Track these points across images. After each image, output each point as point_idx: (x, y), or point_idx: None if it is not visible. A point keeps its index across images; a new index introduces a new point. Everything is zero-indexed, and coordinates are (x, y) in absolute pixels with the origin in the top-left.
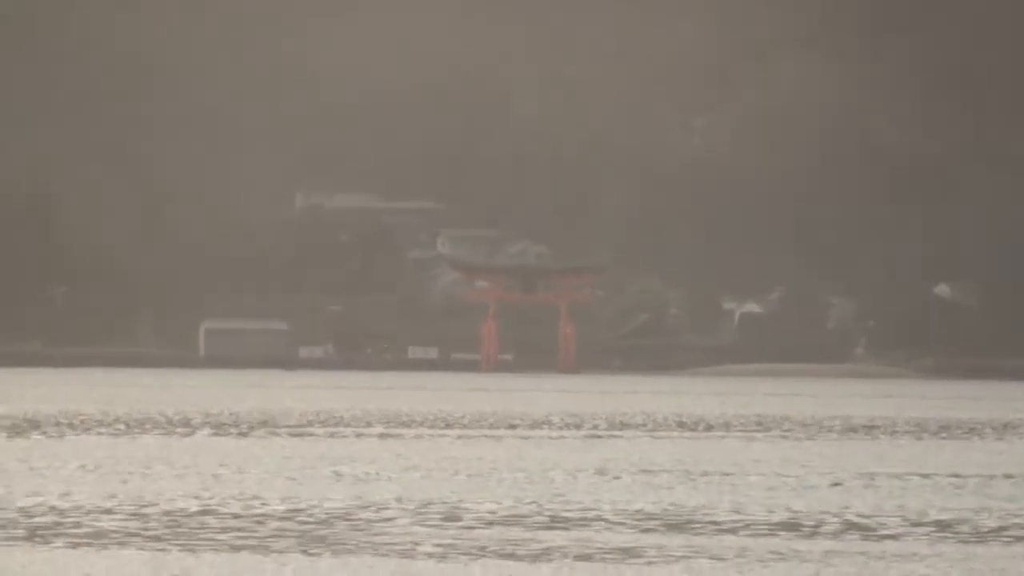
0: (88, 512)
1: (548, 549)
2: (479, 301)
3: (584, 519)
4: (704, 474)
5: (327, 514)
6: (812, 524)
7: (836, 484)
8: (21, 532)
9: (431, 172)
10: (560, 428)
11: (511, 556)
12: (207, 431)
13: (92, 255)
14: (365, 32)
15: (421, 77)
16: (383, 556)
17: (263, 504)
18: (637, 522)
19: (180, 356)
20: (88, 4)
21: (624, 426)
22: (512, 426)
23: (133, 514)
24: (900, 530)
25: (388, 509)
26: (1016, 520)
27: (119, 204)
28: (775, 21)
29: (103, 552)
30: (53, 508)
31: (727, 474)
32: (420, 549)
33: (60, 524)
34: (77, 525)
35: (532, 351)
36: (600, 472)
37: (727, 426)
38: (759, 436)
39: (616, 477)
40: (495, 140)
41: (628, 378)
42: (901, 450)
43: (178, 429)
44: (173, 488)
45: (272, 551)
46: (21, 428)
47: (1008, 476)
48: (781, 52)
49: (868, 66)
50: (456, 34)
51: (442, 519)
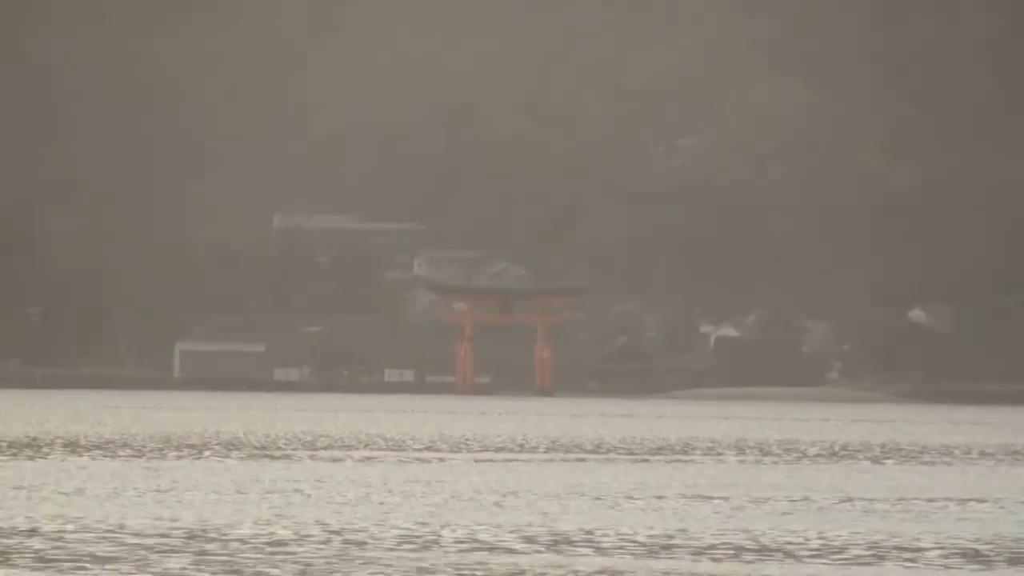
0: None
1: (522, 572)
2: (456, 324)
3: (557, 542)
4: (661, 497)
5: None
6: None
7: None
8: None
9: (410, 194)
10: (529, 451)
11: None
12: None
13: (69, 276)
14: (344, 55)
15: (400, 100)
16: None
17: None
18: (620, 546)
19: (155, 378)
20: (63, 30)
21: (599, 449)
22: (483, 448)
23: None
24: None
25: (363, 532)
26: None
27: (96, 225)
28: (756, 47)
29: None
30: None
31: (686, 497)
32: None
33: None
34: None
35: (509, 373)
36: (575, 495)
37: (689, 449)
38: (732, 459)
39: (598, 499)
40: (474, 163)
41: (604, 401)
42: (868, 474)
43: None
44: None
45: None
46: None
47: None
48: (761, 77)
49: (847, 93)
50: (436, 58)
51: (416, 544)
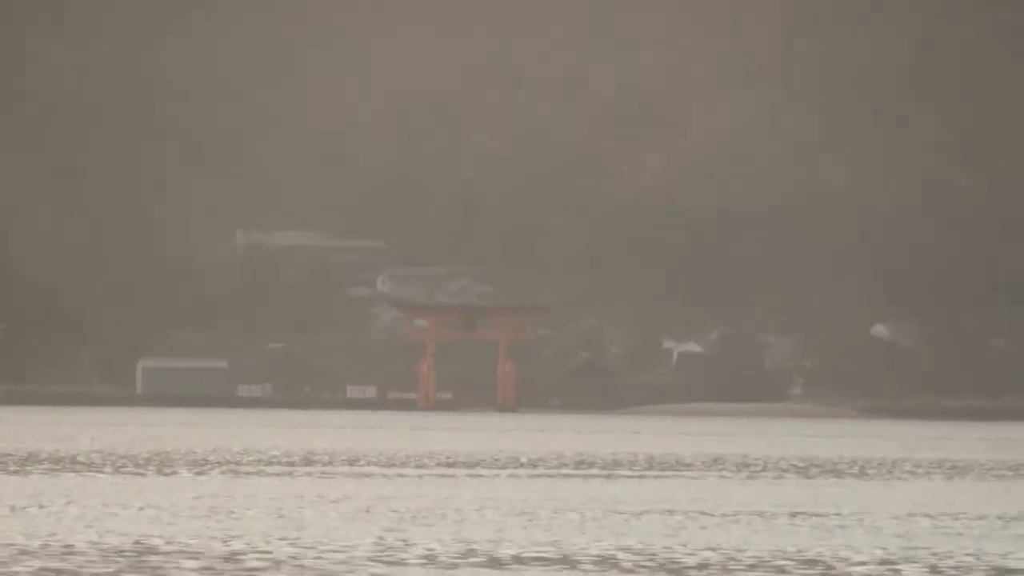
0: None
1: None
2: (419, 340)
3: (522, 558)
4: (611, 512)
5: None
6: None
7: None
8: None
9: (373, 211)
10: (492, 467)
11: None
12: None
13: (31, 292)
14: (309, 70)
15: (364, 115)
16: None
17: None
18: (584, 560)
19: (118, 394)
20: (30, 44)
21: (561, 464)
22: (448, 464)
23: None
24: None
25: (338, 553)
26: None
27: (58, 241)
28: (722, 62)
29: None
30: None
31: (639, 513)
32: None
33: None
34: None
35: (471, 389)
36: (538, 510)
37: (653, 464)
38: (695, 475)
39: (559, 514)
40: (438, 179)
41: (566, 417)
42: (827, 490)
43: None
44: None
45: None
46: None
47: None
48: (726, 93)
49: (810, 109)
50: (400, 73)
51: (383, 561)
